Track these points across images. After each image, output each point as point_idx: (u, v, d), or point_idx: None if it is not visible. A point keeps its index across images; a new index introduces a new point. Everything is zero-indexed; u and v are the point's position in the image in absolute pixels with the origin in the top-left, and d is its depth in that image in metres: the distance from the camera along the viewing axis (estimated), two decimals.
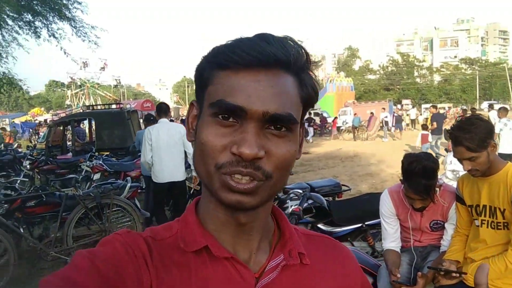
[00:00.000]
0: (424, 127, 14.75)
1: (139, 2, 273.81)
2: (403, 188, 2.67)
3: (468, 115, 2.44)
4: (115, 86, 55.87)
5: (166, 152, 5.69)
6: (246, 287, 0.69)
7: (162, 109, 6.10)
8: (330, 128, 27.27)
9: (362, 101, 45.77)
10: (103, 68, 50.88)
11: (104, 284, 0.61)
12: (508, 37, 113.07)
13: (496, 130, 8.96)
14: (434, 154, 10.14)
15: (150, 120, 7.36)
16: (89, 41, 12.37)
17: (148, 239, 0.72)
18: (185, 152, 5.92)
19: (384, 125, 22.97)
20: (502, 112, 10.12)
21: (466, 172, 2.38)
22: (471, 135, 2.20)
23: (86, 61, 49.29)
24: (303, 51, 0.69)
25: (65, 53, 12.50)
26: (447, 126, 14.50)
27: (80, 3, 11.91)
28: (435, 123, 13.87)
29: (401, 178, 2.66)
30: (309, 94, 0.71)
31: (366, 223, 4.48)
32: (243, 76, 0.64)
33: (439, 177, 2.68)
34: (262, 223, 0.75)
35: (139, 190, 6.78)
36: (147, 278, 0.66)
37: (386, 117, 23.29)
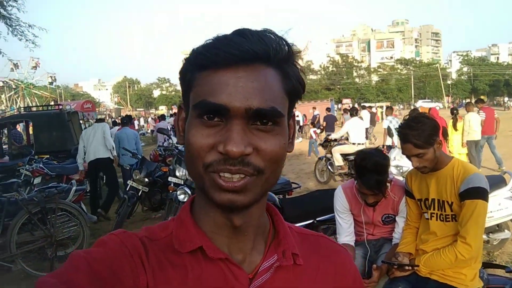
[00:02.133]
0: (313, 125, 18.36)
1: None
2: (356, 184, 2.76)
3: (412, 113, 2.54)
4: (50, 83, 53.35)
5: (91, 142, 7.95)
6: None
7: (100, 120, 9.25)
8: None
9: (305, 100, 46.56)
10: (35, 67, 48.62)
11: (101, 284, 0.61)
12: (440, 39, 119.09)
13: (384, 126, 10.91)
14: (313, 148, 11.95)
15: (124, 123, 9.70)
16: (26, 40, 11.81)
17: (144, 239, 0.72)
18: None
19: (296, 125, 23.38)
20: (388, 110, 11.71)
21: (412, 167, 2.49)
22: (418, 132, 2.29)
23: (17, 63, 46.95)
24: (284, 43, 0.68)
25: (0, 53, 11.88)
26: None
27: (16, 1, 11.35)
28: (325, 123, 16.60)
29: (354, 175, 2.75)
30: (294, 86, 0.70)
31: (317, 219, 4.57)
32: (223, 74, 0.64)
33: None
34: (256, 223, 0.75)
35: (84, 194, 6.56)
36: (143, 278, 0.66)
37: (297, 116, 23.94)
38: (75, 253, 0.66)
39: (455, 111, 10.37)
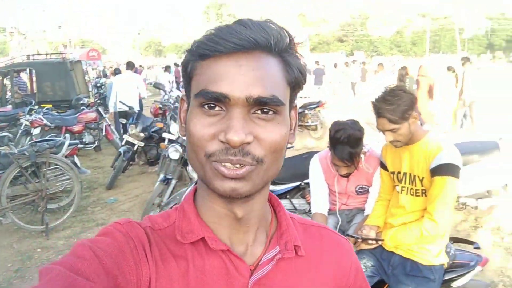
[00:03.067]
0: None
1: None
2: (330, 154, 2.71)
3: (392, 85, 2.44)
4: (59, 27, 53.16)
5: (124, 92, 8.59)
6: (241, 280, 0.71)
7: (129, 65, 9.46)
8: None
9: (316, 52, 45.78)
10: (44, 11, 48.32)
11: (106, 274, 0.62)
12: None
13: (374, 81, 12.15)
14: None
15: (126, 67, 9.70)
16: None
17: (147, 229, 0.73)
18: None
19: None
20: (379, 66, 13.07)
21: None
22: (394, 107, 2.21)
23: (24, 8, 46.67)
24: (285, 33, 0.68)
25: None
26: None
27: None
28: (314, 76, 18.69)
29: (329, 145, 2.69)
30: (296, 76, 0.70)
31: (304, 181, 4.58)
32: (224, 63, 0.64)
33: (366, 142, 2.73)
34: (258, 214, 0.75)
35: (79, 146, 6.60)
36: (146, 270, 0.68)
37: None
38: (81, 242, 0.67)
39: (452, 68, 10.23)
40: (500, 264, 4.09)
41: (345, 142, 2.53)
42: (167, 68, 18.38)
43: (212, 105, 0.65)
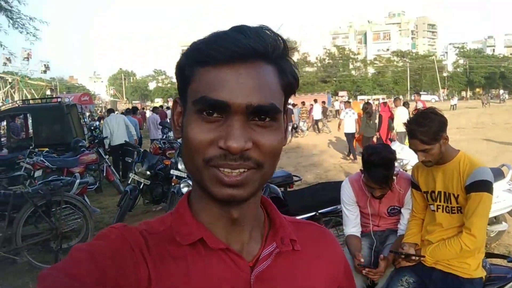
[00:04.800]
0: None
1: None
2: (363, 177, 2.82)
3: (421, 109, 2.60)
4: (44, 71, 52.48)
5: (116, 129, 10.75)
6: (242, 275, 0.72)
7: (112, 110, 11.69)
8: None
9: (301, 93, 46.53)
10: (27, 58, 47.93)
11: (103, 278, 0.63)
12: (436, 31, 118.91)
13: (341, 117, 14.35)
14: None
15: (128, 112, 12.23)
16: (27, 33, 11.81)
17: (144, 233, 0.73)
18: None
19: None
20: (346, 104, 15.58)
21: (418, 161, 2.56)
22: (425, 129, 2.34)
23: (9, 57, 46.33)
24: (280, 39, 0.70)
25: (1, 45, 11.84)
26: None
27: None
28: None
29: (361, 168, 2.81)
30: (290, 81, 0.72)
31: (319, 211, 4.66)
32: (223, 70, 0.65)
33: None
34: (253, 215, 0.77)
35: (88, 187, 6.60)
36: (145, 271, 0.68)
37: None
38: (77, 246, 0.68)
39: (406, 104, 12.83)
40: None
41: (379, 165, 2.65)
42: (154, 109, 18.73)
43: (210, 111, 0.65)
